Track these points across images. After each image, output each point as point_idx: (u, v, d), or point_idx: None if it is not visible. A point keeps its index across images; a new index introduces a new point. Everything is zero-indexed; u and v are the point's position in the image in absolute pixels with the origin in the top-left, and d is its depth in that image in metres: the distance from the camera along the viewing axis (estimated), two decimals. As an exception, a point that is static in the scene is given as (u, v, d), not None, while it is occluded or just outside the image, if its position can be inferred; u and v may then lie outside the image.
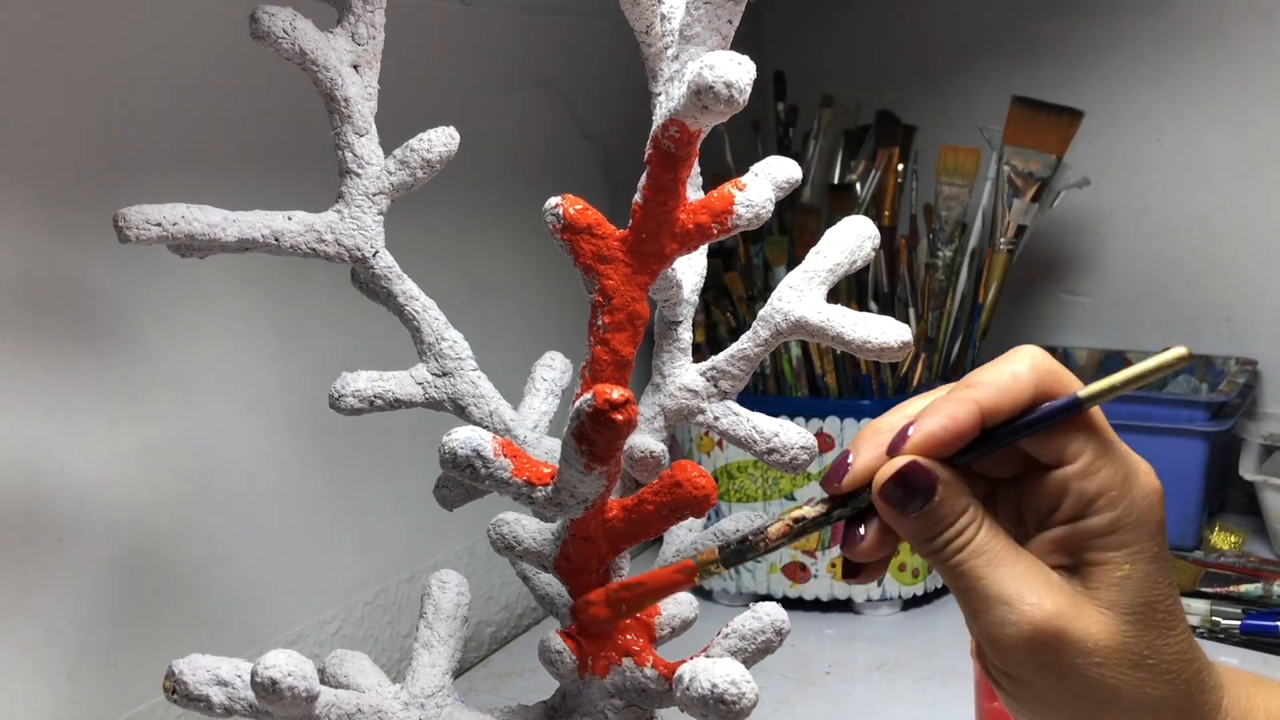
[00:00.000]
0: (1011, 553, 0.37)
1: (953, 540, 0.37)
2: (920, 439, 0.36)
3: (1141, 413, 1.02)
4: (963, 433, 0.36)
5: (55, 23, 0.62)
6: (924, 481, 0.36)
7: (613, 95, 1.08)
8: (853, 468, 0.38)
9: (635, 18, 0.48)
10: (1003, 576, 0.37)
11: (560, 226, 0.45)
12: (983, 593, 0.37)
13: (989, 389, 0.36)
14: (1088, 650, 0.36)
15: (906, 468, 0.36)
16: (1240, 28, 1.08)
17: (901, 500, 0.37)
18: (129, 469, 0.68)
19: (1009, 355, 0.37)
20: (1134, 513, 0.36)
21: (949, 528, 0.37)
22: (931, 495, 0.36)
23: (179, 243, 0.50)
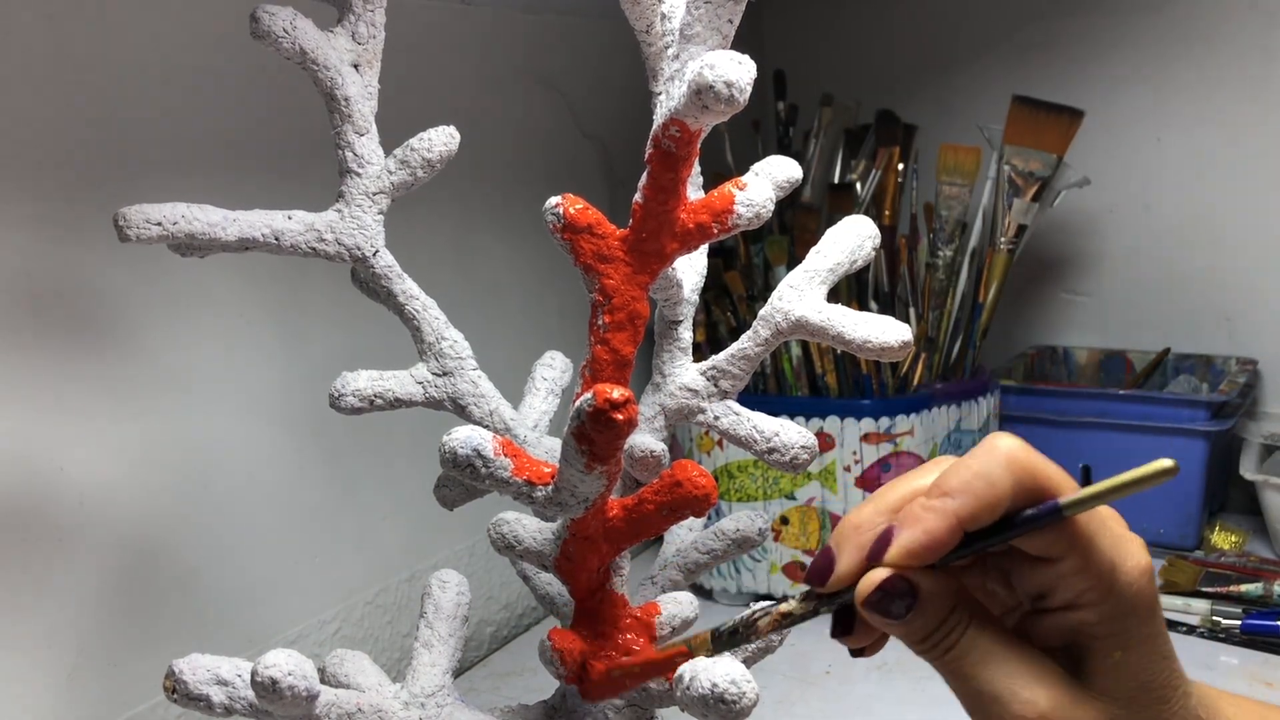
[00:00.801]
0: (1001, 648, 0.37)
1: (940, 641, 0.37)
2: (899, 553, 0.36)
3: (1142, 412, 1.02)
4: (941, 546, 0.36)
5: (55, 23, 0.62)
6: (905, 593, 0.37)
7: (613, 95, 1.08)
8: (836, 571, 0.38)
9: (635, 17, 0.48)
10: (993, 674, 0.37)
11: (560, 226, 0.45)
12: (975, 690, 0.37)
13: (967, 499, 0.35)
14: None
15: (886, 582, 0.37)
16: (1240, 28, 1.08)
17: (885, 609, 0.37)
18: (129, 469, 0.68)
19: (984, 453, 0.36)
20: (1122, 604, 0.36)
21: (934, 630, 0.37)
22: (913, 605, 0.37)
23: (179, 242, 0.50)
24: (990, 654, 0.37)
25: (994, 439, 0.36)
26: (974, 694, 0.37)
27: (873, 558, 0.37)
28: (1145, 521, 1.05)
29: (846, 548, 0.38)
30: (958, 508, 0.35)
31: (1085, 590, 0.36)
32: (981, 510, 0.35)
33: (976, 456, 0.36)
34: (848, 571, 0.38)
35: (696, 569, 0.55)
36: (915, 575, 0.36)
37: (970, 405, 0.99)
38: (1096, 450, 1.05)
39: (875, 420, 0.93)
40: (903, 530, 0.36)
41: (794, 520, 0.97)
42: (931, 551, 0.36)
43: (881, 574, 0.37)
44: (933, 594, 0.37)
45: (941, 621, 0.37)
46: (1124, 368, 1.16)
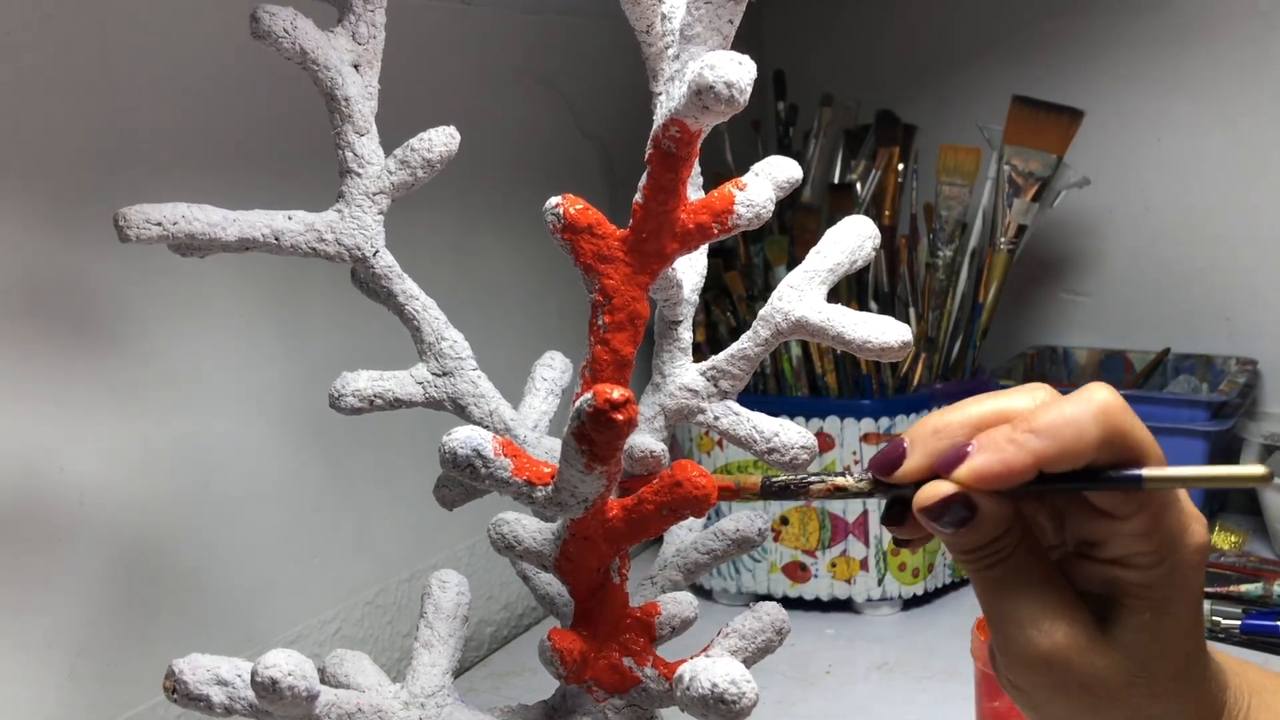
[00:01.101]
0: (1038, 579, 0.37)
1: (983, 558, 0.38)
2: (970, 474, 0.36)
3: (1142, 412, 1.01)
4: (1014, 480, 0.36)
5: (55, 23, 0.62)
6: (964, 511, 0.37)
7: (613, 95, 1.08)
8: (904, 466, 0.38)
9: (636, 17, 0.48)
10: (1022, 599, 0.37)
11: (561, 226, 0.45)
12: (1000, 608, 0.38)
13: (1052, 442, 0.35)
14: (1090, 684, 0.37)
15: (950, 496, 0.37)
16: (1240, 28, 1.08)
17: (939, 518, 0.37)
18: (129, 469, 0.68)
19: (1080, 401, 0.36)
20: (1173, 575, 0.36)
21: (983, 547, 0.37)
22: (969, 522, 0.37)
23: (179, 242, 0.50)
24: (1026, 582, 0.37)
25: (1091, 389, 0.36)
26: (999, 613, 0.38)
27: (943, 468, 0.37)
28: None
29: (919, 448, 0.38)
30: (1041, 448, 0.35)
31: (1141, 553, 0.36)
32: (1064, 457, 0.35)
33: (1072, 402, 0.36)
34: (914, 470, 0.38)
35: (696, 569, 0.55)
36: (977, 495, 0.37)
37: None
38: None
39: (875, 420, 0.93)
40: (980, 453, 0.36)
41: (794, 520, 0.97)
42: (1003, 482, 0.36)
43: (947, 488, 0.37)
44: (989, 516, 0.37)
45: (990, 542, 0.37)
46: (1124, 368, 1.16)
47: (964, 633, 0.87)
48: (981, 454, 0.36)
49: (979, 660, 0.68)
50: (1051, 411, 0.36)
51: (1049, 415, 0.36)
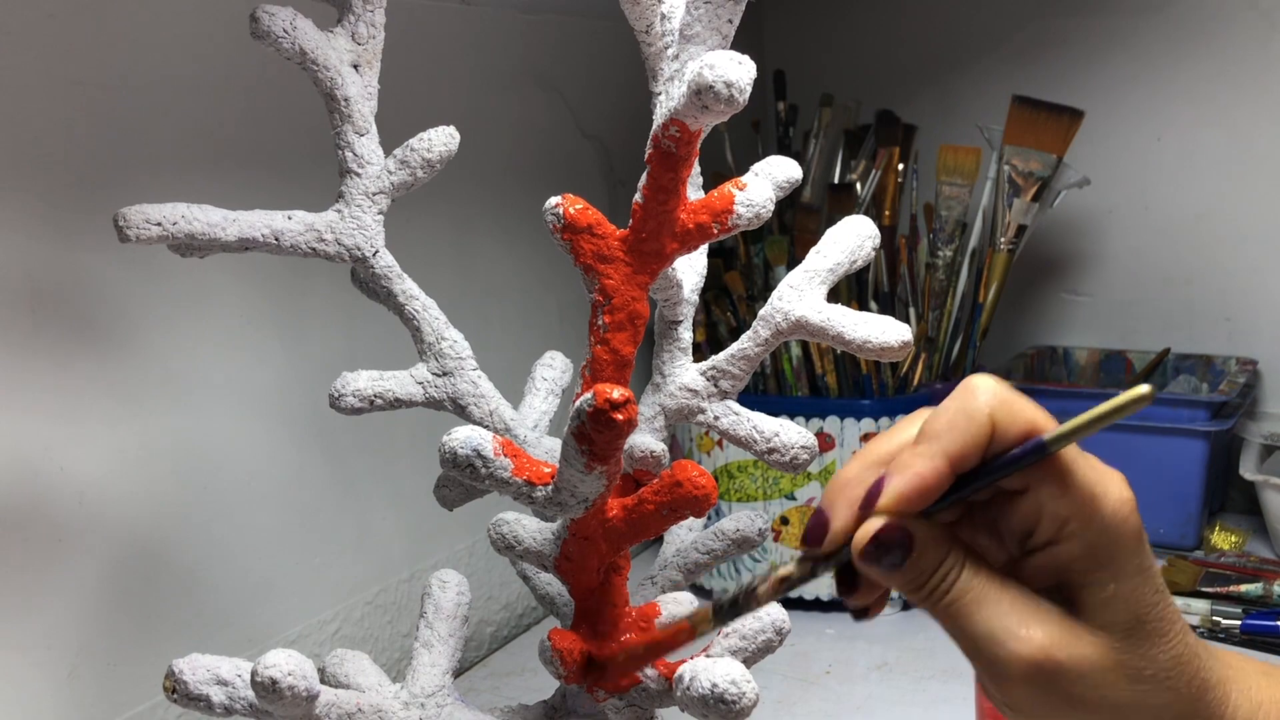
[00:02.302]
0: (996, 589, 0.37)
1: (936, 587, 0.37)
2: (891, 500, 0.36)
3: (1142, 412, 1.02)
4: (932, 490, 0.36)
5: (55, 23, 0.62)
6: (900, 541, 0.37)
7: (613, 95, 1.08)
8: (831, 529, 0.38)
9: (635, 17, 0.48)
10: (989, 614, 0.37)
11: (560, 226, 0.45)
12: (972, 633, 0.37)
13: (951, 439, 0.36)
14: (1084, 675, 0.36)
15: (881, 531, 0.37)
16: (1240, 28, 1.08)
17: (880, 560, 0.37)
18: (129, 469, 0.68)
19: (963, 394, 0.37)
20: (1106, 533, 0.36)
21: (931, 576, 0.37)
22: (909, 552, 0.37)
23: (179, 242, 0.50)
24: (985, 596, 0.37)
25: (971, 380, 0.37)
26: (971, 637, 0.37)
27: (865, 508, 0.37)
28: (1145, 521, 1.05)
29: (839, 505, 0.38)
30: (944, 447, 0.36)
31: (1067, 520, 0.36)
32: (967, 446, 0.36)
33: (955, 398, 0.37)
34: (842, 528, 0.38)
35: (696, 569, 0.55)
36: (909, 523, 0.37)
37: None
38: (1096, 451, 1.05)
39: (875, 420, 0.93)
40: (893, 477, 0.37)
41: (794, 520, 0.97)
42: (923, 495, 0.36)
43: (876, 524, 0.37)
44: (927, 540, 0.37)
45: (937, 567, 0.37)
46: (1124, 368, 1.16)
47: (964, 633, 0.87)
48: (895, 477, 0.36)
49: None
50: (941, 413, 0.36)
51: (940, 417, 0.36)
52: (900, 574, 0.37)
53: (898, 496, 0.36)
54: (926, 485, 0.36)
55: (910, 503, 0.36)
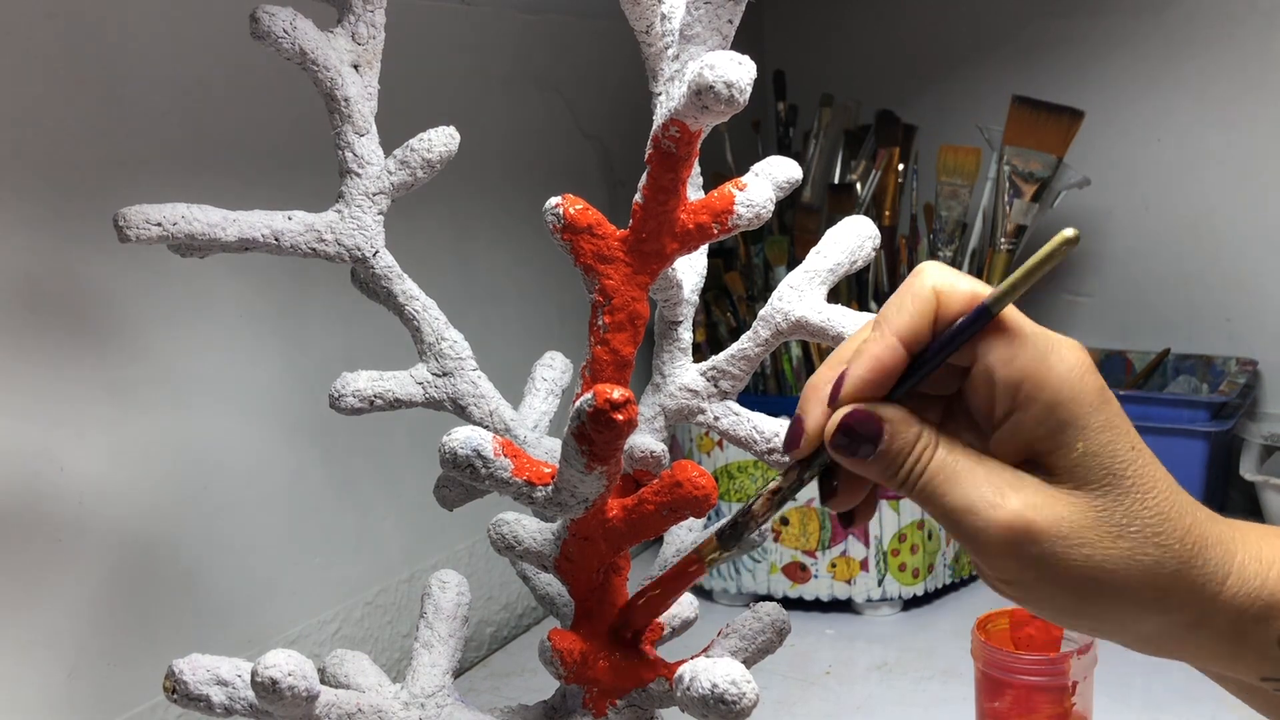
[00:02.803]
0: (970, 464, 0.37)
1: (912, 469, 0.38)
2: (853, 387, 0.38)
3: (1141, 413, 1.02)
4: (890, 370, 0.37)
5: (55, 22, 0.62)
6: (868, 426, 0.37)
7: (613, 95, 1.08)
8: (805, 431, 0.39)
9: (635, 17, 0.48)
10: (965, 488, 0.37)
11: (560, 226, 0.45)
12: (950, 508, 0.37)
13: (902, 319, 0.37)
14: (1064, 535, 0.36)
15: (847, 418, 0.38)
16: (1240, 28, 1.08)
17: (853, 448, 0.38)
18: (129, 469, 0.68)
19: (910, 279, 0.38)
20: (1063, 391, 0.36)
21: (905, 459, 0.38)
22: (880, 436, 0.37)
23: (179, 242, 0.50)
24: (960, 471, 0.37)
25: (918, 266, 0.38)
26: (949, 512, 0.37)
27: (832, 401, 0.38)
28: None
29: (810, 407, 0.39)
30: (894, 328, 0.37)
31: (1020, 384, 0.36)
32: (916, 323, 0.37)
33: (904, 284, 0.38)
34: (815, 428, 0.39)
35: (696, 569, 0.55)
36: (876, 407, 0.37)
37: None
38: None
39: (875, 420, 0.93)
40: (851, 366, 0.38)
41: (794, 520, 0.97)
42: (882, 376, 0.37)
43: (841, 413, 0.38)
44: (895, 420, 0.37)
45: (910, 448, 0.37)
46: (1124, 368, 1.16)
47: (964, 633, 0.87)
48: (853, 365, 0.38)
49: (979, 660, 0.68)
50: (890, 300, 0.38)
51: (889, 303, 0.38)
52: (874, 462, 0.38)
53: (857, 381, 0.37)
54: (883, 366, 0.37)
55: (870, 385, 0.37)
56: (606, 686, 0.50)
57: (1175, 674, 0.83)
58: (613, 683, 0.50)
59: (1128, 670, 0.84)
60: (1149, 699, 0.80)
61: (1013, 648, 0.69)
